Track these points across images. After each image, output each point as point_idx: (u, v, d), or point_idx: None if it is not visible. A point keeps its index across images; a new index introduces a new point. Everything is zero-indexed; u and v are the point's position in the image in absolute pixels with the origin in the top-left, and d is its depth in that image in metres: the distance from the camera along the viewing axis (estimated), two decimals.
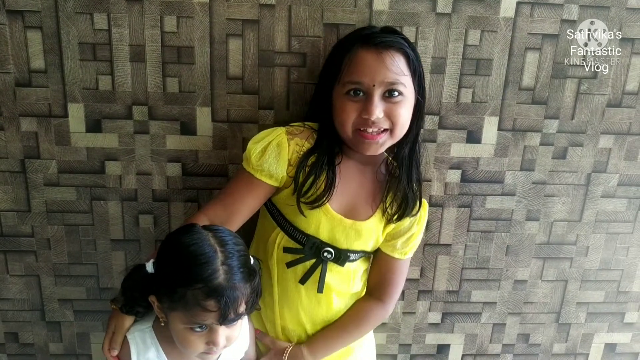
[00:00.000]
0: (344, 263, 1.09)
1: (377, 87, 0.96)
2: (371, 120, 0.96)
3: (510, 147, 1.25)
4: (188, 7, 1.09)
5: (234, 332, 0.93)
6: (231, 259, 0.89)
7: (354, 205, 1.08)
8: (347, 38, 1.02)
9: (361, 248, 1.10)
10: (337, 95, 1.00)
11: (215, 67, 1.14)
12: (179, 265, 0.88)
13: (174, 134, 1.18)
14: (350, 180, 1.07)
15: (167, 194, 1.22)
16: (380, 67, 0.96)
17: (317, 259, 1.08)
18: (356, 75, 0.97)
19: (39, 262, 1.27)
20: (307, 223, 1.06)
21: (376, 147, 1.01)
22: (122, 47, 1.11)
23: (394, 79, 0.96)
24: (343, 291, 1.13)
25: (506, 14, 1.15)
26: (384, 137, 1.00)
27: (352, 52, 0.97)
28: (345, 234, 1.07)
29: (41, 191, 1.20)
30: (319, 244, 1.07)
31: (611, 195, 1.32)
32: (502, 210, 1.30)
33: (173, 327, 0.92)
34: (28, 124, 1.15)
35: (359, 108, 0.98)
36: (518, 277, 1.38)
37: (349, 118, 0.98)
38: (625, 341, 1.50)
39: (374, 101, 0.96)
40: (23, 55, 1.10)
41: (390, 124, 0.99)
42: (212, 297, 0.85)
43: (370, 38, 0.97)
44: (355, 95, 0.98)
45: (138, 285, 0.94)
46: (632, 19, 1.17)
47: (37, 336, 1.34)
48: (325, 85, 1.03)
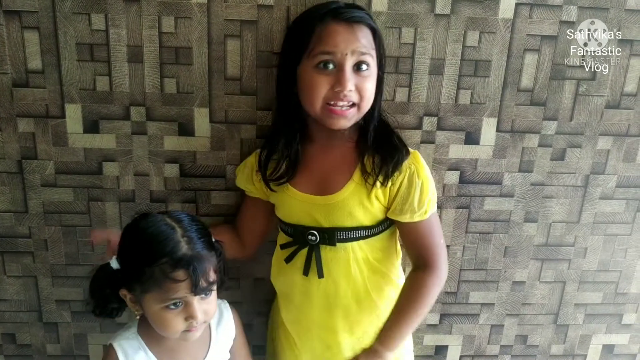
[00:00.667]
0: (334, 242, 1.07)
1: (349, 58, 0.96)
2: (344, 93, 0.96)
3: (508, 148, 1.25)
4: (186, 8, 1.09)
5: (210, 305, 0.95)
6: (190, 231, 0.93)
7: (324, 182, 1.07)
8: (311, 12, 1.01)
9: (350, 223, 1.06)
10: (305, 69, 0.99)
11: (213, 68, 1.13)
12: (141, 248, 0.92)
13: (171, 135, 1.17)
14: (316, 158, 1.07)
15: (165, 195, 1.22)
16: (352, 37, 0.96)
17: (307, 245, 1.08)
18: (328, 45, 0.96)
19: (36, 263, 1.26)
20: (287, 212, 1.09)
21: (345, 122, 1.01)
22: (120, 48, 1.11)
23: (365, 50, 0.97)
24: (347, 273, 1.09)
25: (505, 15, 1.14)
26: (352, 111, 1.00)
27: (323, 24, 0.97)
28: (324, 211, 1.06)
29: (38, 192, 1.20)
30: (302, 229, 1.07)
31: (609, 197, 1.32)
32: (500, 211, 1.30)
33: (150, 313, 0.93)
34: (25, 124, 1.14)
35: (330, 81, 0.97)
36: (516, 278, 1.38)
37: (320, 92, 0.98)
38: (623, 342, 1.50)
39: (346, 73, 0.96)
40: (20, 55, 1.10)
41: (359, 98, 0.99)
42: (179, 268, 0.88)
43: (341, 12, 0.97)
44: (325, 67, 0.97)
45: (107, 283, 0.96)
46: (630, 20, 1.17)
47: (35, 337, 1.34)
48: (288, 62, 1.03)
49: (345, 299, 1.10)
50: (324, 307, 1.11)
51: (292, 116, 1.05)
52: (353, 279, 1.09)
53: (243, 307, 1.34)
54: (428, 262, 1.10)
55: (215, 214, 1.24)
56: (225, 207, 1.24)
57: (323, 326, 1.12)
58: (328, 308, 1.11)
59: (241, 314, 1.33)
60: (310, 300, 1.11)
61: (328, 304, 1.10)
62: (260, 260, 1.30)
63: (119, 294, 0.96)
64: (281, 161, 1.06)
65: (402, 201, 1.06)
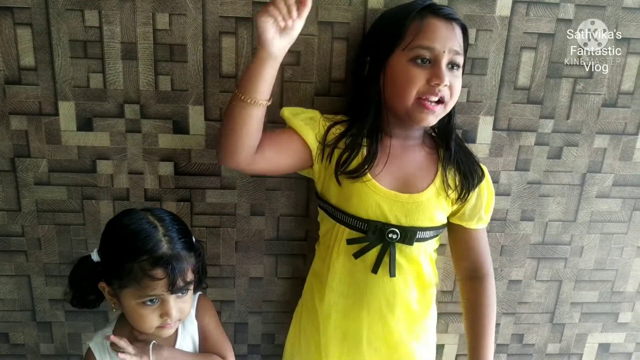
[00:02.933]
0: (412, 242, 1.06)
1: (446, 54, 0.97)
2: (439, 87, 0.97)
3: (505, 146, 1.24)
4: (180, 5, 1.08)
5: (185, 304, 0.98)
6: (171, 231, 0.96)
7: (407, 180, 1.06)
8: (406, 7, 1.01)
9: (427, 224, 1.07)
10: (398, 62, 0.99)
11: (208, 65, 1.12)
12: (123, 244, 0.94)
13: (166, 133, 1.16)
14: (396, 156, 1.06)
15: (159, 193, 1.21)
16: (450, 35, 0.98)
17: (383, 242, 1.06)
18: (429, 40, 0.97)
19: (29, 262, 1.25)
20: (363, 206, 1.04)
21: (433, 118, 1.00)
22: (114, 45, 1.10)
23: (459, 49, 0.99)
24: (417, 272, 1.10)
25: (502, 13, 1.14)
26: (440, 108, 1.00)
27: (423, 19, 0.98)
28: (405, 210, 1.05)
29: (31, 190, 1.19)
30: (381, 226, 1.05)
31: (606, 196, 1.32)
32: (496, 210, 1.29)
33: (126, 307, 0.96)
34: (18, 122, 1.13)
35: (426, 75, 0.97)
36: (512, 277, 1.38)
37: (416, 85, 0.97)
38: (619, 341, 1.50)
39: (443, 68, 0.97)
40: (13, 52, 1.09)
41: (449, 95, 1.00)
42: (158, 266, 0.91)
43: (440, 9, 0.99)
44: (422, 62, 0.97)
45: (86, 275, 0.99)
46: (627, 19, 1.17)
47: (28, 337, 1.33)
48: (376, 54, 1.02)
49: (403, 297, 1.10)
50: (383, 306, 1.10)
51: (374, 109, 1.04)
52: (424, 279, 1.11)
53: (236, 306, 1.34)
54: (485, 269, 1.17)
55: (211, 212, 1.23)
56: (220, 206, 1.23)
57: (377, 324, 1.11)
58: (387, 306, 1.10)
59: (235, 312, 1.33)
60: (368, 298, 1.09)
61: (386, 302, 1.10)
62: (256, 260, 1.29)
63: (97, 286, 0.99)
64: (352, 153, 1.03)
65: (471, 209, 1.11)
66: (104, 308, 1.18)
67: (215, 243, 1.27)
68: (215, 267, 1.29)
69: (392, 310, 1.10)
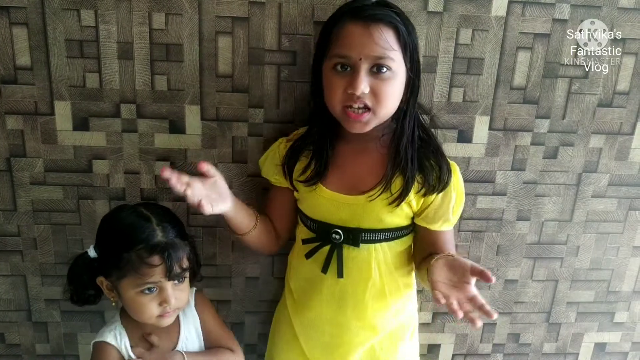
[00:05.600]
0: (358, 243, 1.06)
1: (364, 61, 0.93)
2: (356, 95, 0.94)
3: (501, 146, 1.24)
4: (177, 4, 1.08)
5: (183, 293, 1.02)
6: (163, 221, 1.00)
7: (354, 183, 1.05)
8: (337, 11, 0.99)
9: (376, 226, 1.05)
10: (325, 70, 0.99)
11: (205, 65, 1.12)
12: (119, 236, 0.99)
13: (162, 133, 1.16)
14: (347, 159, 1.06)
15: (156, 193, 1.21)
16: (367, 40, 0.92)
17: (331, 244, 1.07)
18: (343, 48, 0.94)
19: (25, 262, 1.25)
20: (312, 208, 1.07)
21: (361, 126, 0.98)
22: (110, 44, 1.09)
23: (382, 53, 0.93)
24: (367, 276, 1.08)
25: (498, 13, 1.14)
26: (367, 116, 0.97)
27: (340, 25, 0.95)
28: (349, 211, 1.04)
29: (27, 190, 1.18)
30: (326, 226, 1.06)
31: (602, 195, 1.32)
32: (492, 210, 1.30)
33: (126, 298, 0.99)
34: (14, 121, 1.13)
35: (346, 83, 0.95)
36: (509, 276, 1.38)
37: (336, 93, 0.96)
38: (615, 341, 1.50)
39: (360, 75, 0.93)
40: (8, 52, 1.08)
41: (374, 102, 0.95)
42: (155, 253, 0.96)
43: (360, 11, 0.94)
44: (343, 69, 0.95)
45: (84, 271, 1.03)
46: (623, 19, 1.17)
47: (24, 337, 1.33)
48: (316, 61, 1.02)
49: (361, 299, 1.09)
50: (336, 305, 1.10)
51: (324, 116, 1.04)
52: (372, 280, 1.09)
53: (233, 305, 1.34)
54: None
55: None
56: None
57: (333, 322, 1.11)
58: (340, 306, 1.10)
59: (232, 312, 1.33)
60: (322, 297, 1.10)
61: (340, 303, 1.10)
62: (253, 259, 1.29)
63: (95, 282, 1.03)
64: (311, 160, 1.05)
65: (435, 210, 1.07)
66: (100, 308, 1.18)
67: (211, 243, 1.27)
68: (211, 267, 1.29)
69: (344, 312, 1.10)
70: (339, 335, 1.12)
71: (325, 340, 1.13)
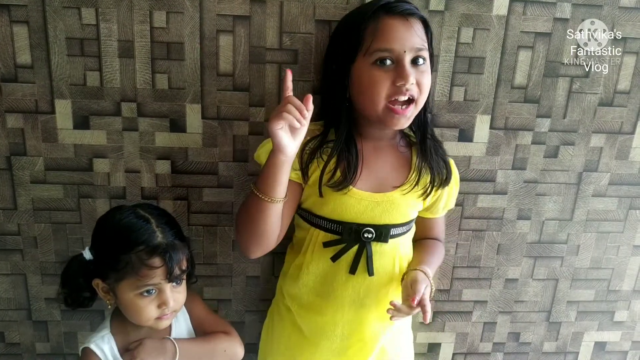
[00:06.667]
0: (387, 239, 1.07)
1: (408, 53, 0.95)
2: (406, 87, 0.95)
3: (502, 145, 1.24)
4: (178, 3, 1.08)
5: (180, 294, 1.01)
6: (162, 222, 0.99)
7: (381, 181, 1.06)
8: (361, 10, 1.00)
9: (402, 220, 1.08)
10: (361, 68, 0.97)
11: (206, 64, 1.12)
12: (118, 237, 0.97)
13: (163, 131, 1.16)
14: (371, 158, 1.05)
15: (156, 191, 1.21)
16: (409, 33, 0.95)
17: (359, 243, 1.06)
18: (386, 42, 0.95)
19: (25, 261, 1.25)
20: (340, 210, 1.04)
21: (405, 121, 0.99)
22: (111, 43, 1.09)
23: (421, 44, 0.96)
24: (392, 268, 1.10)
25: (499, 12, 1.14)
26: (411, 109, 0.98)
27: (376, 20, 0.96)
28: (380, 208, 1.05)
29: (28, 189, 1.18)
30: (356, 227, 1.05)
31: (602, 194, 1.32)
32: (493, 209, 1.30)
33: (124, 300, 0.98)
34: (14, 120, 1.13)
35: (390, 77, 0.96)
36: (509, 275, 1.38)
37: (382, 88, 0.96)
38: (615, 340, 1.50)
39: (407, 67, 0.95)
40: (9, 50, 1.08)
41: (418, 92, 0.98)
42: (155, 255, 0.94)
43: (393, 6, 0.96)
44: (383, 64, 0.96)
45: (79, 273, 1.01)
46: (624, 18, 1.17)
47: (24, 336, 1.32)
48: (340, 62, 1.01)
49: (384, 294, 1.10)
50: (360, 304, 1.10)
51: (345, 117, 1.03)
52: (394, 274, 1.11)
53: (233, 304, 1.33)
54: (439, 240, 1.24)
55: (208, 211, 1.23)
56: (217, 204, 1.23)
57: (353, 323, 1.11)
58: (363, 304, 1.10)
59: (232, 311, 1.33)
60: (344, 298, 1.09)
61: (365, 301, 1.10)
62: (253, 258, 1.29)
63: (91, 284, 1.01)
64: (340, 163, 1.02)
65: (439, 202, 1.14)
66: (100, 307, 1.18)
67: (212, 242, 1.27)
68: (212, 266, 1.29)
69: (367, 308, 1.11)
70: (352, 335, 1.12)
71: (335, 347, 1.13)
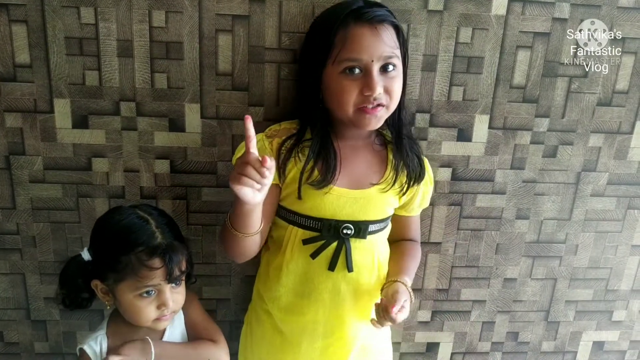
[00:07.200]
0: (366, 235, 1.07)
1: (376, 63, 0.95)
2: (373, 97, 0.95)
3: (500, 145, 1.25)
4: (177, 2, 1.08)
5: (179, 295, 1.01)
6: (161, 223, 0.99)
7: (359, 177, 1.06)
8: (332, 15, 0.99)
9: (379, 216, 1.09)
10: (331, 75, 0.98)
11: (205, 63, 1.12)
12: (117, 238, 0.96)
13: (162, 131, 1.16)
14: (348, 156, 1.06)
15: (155, 191, 1.21)
16: (377, 42, 0.94)
17: (338, 239, 1.06)
18: (354, 52, 0.94)
19: (24, 260, 1.25)
20: (319, 207, 1.04)
21: (375, 121, 1.00)
22: (110, 42, 1.09)
23: (390, 52, 0.96)
24: (371, 263, 1.11)
25: (498, 12, 1.14)
26: (381, 110, 0.99)
27: (344, 28, 0.95)
28: (358, 205, 1.05)
29: (26, 188, 1.18)
30: (335, 223, 1.05)
31: (601, 194, 1.32)
32: (492, 208, 1.30)
33: (123, 301, 0.98)
34: (13, 119, 1.13)
35: (359, 85, 0.96)
36: (507, 275, 1.38)
37: (350, 97, 0.97)
38: (613, 339, 1.51)
39: (375, 77, 0.95)
40: (8, 49, 1.08)
41: (388, 99, 0.98)
42: (155, 256, 0.94)
43: (362, 13, 0.95)
44: (352, 73, 0.96)
45: (78, 274, 1.01)
46: (622, 18, 1.17)
47: (23, 335, 1.32)
48: (312, 66, 1.01)
49: (365, 290, 1.11)
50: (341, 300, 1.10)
51: (320, 118, 1.03)
52: (374, 270, 1.12)
53: (232, 304, 1.34)
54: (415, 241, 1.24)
55: (207, 210, 1.23)
56: (216, 204, 1.23)
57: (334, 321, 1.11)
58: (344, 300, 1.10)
59: (230, 311, 1.33)
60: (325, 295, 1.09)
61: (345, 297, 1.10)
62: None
63: (89, 285, 1.01)
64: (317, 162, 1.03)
65: (414, 200, 1.15)
66: (100, 307, 1.18)
67: (211, 241, 1.27)
68: (211, 265, 1.29)
69: (347, 305, 1.11)
70: (334, 333, 1.12)
71: (317, 346, 1.13)
